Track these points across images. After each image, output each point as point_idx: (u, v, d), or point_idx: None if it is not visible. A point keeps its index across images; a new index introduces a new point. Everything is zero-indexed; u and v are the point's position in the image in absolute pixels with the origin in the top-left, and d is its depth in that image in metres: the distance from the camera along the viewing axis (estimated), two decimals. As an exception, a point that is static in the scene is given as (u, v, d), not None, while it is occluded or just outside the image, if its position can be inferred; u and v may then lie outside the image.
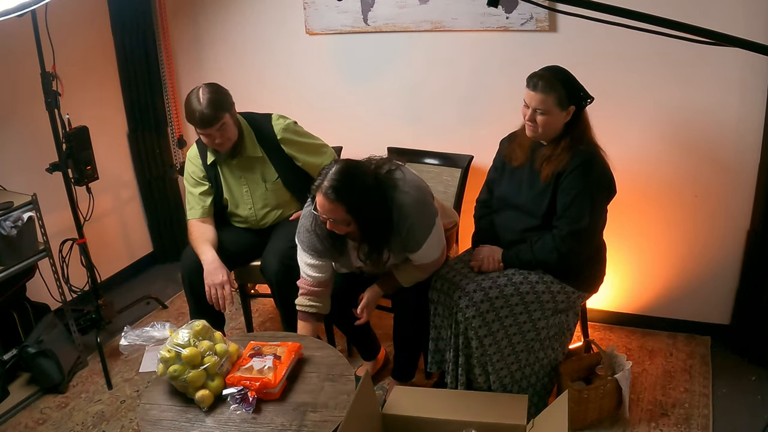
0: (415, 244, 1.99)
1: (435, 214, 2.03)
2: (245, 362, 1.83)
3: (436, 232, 2.03)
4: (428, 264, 2.10)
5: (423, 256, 2.05)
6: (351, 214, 1.86)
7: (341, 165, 1.88)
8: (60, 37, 2.48)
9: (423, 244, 2.00)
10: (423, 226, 1.99)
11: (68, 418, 2.39)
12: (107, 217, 3.31)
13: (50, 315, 2.65)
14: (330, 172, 1.85)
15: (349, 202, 1.84)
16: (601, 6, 0.97)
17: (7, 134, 2.71)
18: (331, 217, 1.87)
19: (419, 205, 1.98)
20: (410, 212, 1.95)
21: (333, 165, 1.88)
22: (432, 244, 2.03)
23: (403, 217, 1.94)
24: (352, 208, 1.85)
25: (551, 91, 1.92)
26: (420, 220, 1.97)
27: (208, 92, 2.22)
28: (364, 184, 1.88)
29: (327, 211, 1.86)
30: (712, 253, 2.56)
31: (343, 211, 1.85)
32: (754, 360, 2.47)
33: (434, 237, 2.02)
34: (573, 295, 2.10)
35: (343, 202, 1.83)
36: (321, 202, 1.85)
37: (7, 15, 1.80)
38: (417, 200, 1.97)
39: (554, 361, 2.17)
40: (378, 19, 2.76)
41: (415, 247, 2.00)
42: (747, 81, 2.29)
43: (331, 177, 1.84)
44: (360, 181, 1.87)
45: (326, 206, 1.85)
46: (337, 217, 1.86)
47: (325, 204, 1.85)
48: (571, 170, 1.97)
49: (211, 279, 2.24)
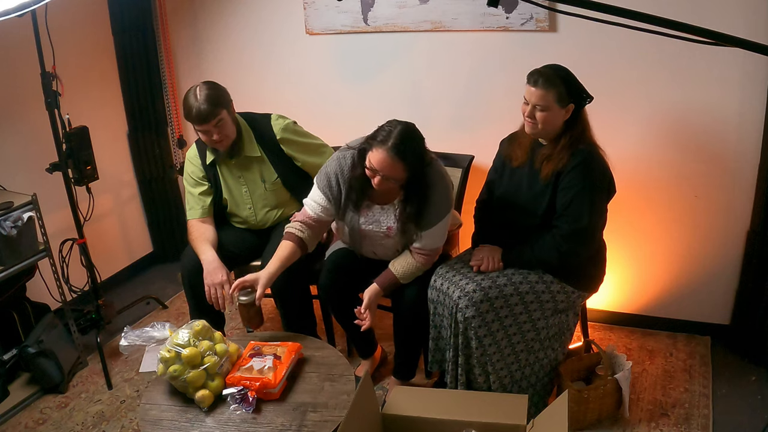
0: (430, 221, 2.07)
1: (452, 202, 2.13)
2: (245, 362, 1.83)
3: (447, 220, 2.12)
4: (427, 251, 2.12)
5: (428, 240, 2.10)
6: (408, 173, 1.96)
7: (405, 126, 1.97)
8: (60, 37, 2.49)
9: (435, 224, 2.07)
10: (441, 207, 2.08)
11: (68, 418, 2.39)
12: (107, 217, 3.32)
13: (50, 315, 2.65)
14: (394, 131, 1.93)
15: (410, 162, 1.94)
16: (601, 6, 0.97)
17: (7, 134, 2.71)
18: (388, 173, 1.94)
19: (445, 186, 2.08)
20: (436, 190, 2.05)
21: (397, 125, 1.97)
22: (440, 229, 2.10)
23: (431, 191, 2.04)
24: (411, 168, 1.95)
25: (551, 87, 1.92)
26: (442, 199, 2.07)
27: (206, 89, 2.22)
28: (421, 149, 2.00)
29: (386, 166, 1.93)
30: (712, 253, 2.56)
31: (402, 169, 1.94)
32: (754, 360, 2.48)
33: (444, 223, 2.11)
34: (573, 294, 2.10)
35: (405, 161, 1.93)
36: (382, 157, 1.92)
37: (7, 15, 1.80)
38: (444, 183, 2.08)
39: (554, 361, 2.17)
40: (378, 19, 2.76)
41: (427, 225, 2.07)
42: (747, 81, 2.29)
43: (396, 136, 1.92)
44: (420, 146, 1.99)
45: (387, 162, 1.92)
46: (395, 175, 1.95)
47: (387, 160, 1.92)
48: (571, 169, 1.97)
49: (210, 279, 2.24)
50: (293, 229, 2.17)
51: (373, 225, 2.16)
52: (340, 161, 2.12)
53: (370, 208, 2.15)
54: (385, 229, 2.15)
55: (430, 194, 2.05)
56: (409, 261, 2.14)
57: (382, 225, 2.14)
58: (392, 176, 1.95)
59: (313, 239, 2.20)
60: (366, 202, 2.14)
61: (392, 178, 1.96)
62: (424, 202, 2.05)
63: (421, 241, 2.10)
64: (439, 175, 2.07)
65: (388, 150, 1.91)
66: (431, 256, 2.15)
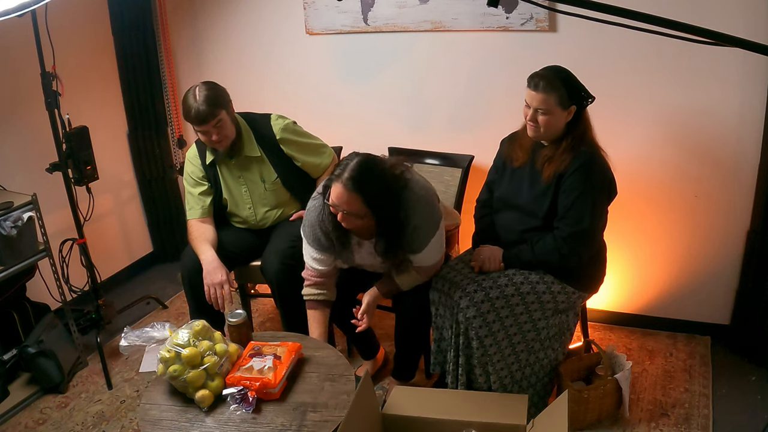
0: (419, 245, 2.00)
1: (440, 218, 2.05)
2: (245, 362, 1.82)
3: (439, 235, 2.05)
4: (427, 267, 2.10)
5: (424, 259, 2.05)
6: (368, 207, 1.87)
7: (362, 158, 1.89)
8: (60, 37, 2.49)
9: (426, 246, 2.01)
10: (428, 228, 2.00)
11: (68, 418, 2.39)
12: (107, 217, 3.31)
13: (50, 315, 2.65)
14: (350, 164, 1.86)
15: (367, 194, 1.85)
16: (601, 6, 0.97)
17: (7, 134, 2.71)
18: (347, 208, 1.87)
19: (426, 206, 1.99)
20: (417, 213, 1.96)
21: (353, 157, 1.90)
22: (433, 247, 2.04)
23: (410, 217, 1.95)
24: (369, 200, 1.86)
25: (552, 90, 1.92)
26: (425, 221, 1.99)
27: (205, 89, 2.22)
28: (383, 178, 1.90)
29: (344, 201, 1.86)
30: (712, 253, 2.56)
31: (360, 203, 1.86)
32: (754, 360, 2.48)
33: (436, 240, 2.04)
34: (573, 295, 2.10)
35: (361, 193, 1.84)
36: (339, 192, 1.86)
37: (7, 15, 1.80)
38: (424, 202, 1.99)
39: (554, 361, 2.17)
40: (378, 19, 2.76)
41: (418, 249, 2.01)
42: (747, 81, 2.29)
43: (351, 168, 1.85)
44: (378, 176, 1.89)
45: (344, 196, 1.85)
46: (353, 209, 1.87)
47: (344, 194, 1.85)
48: (573, 171, 1.97)
49: (210, 279, 2.25)
50: (310, 297, 2.15)
51: (368, 257, 2.11)
52: (317, 210, 2.04)
53: (362, 245, 2.08)
54: (379, 260, 2.09)
55: (410, 220, 1.95)
56: (410, 273, 2.12)
57: (377, 257, 2.08)
58: (352, 211, 1.87)
59: (332, 289, 2.18)
60: (355, 239, 2.08)
61: (353, 213, 1.87)
62: (402, 231, 1.96)
63: (418, 261, 2.07)
64: (416, 198, 1.96)
65: (344, 184, 1.84)
66: (432, 269, 2.13)
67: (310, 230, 2.08)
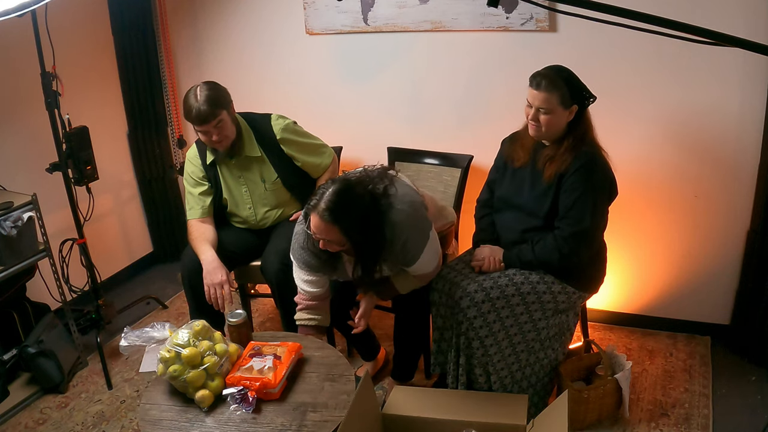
0: (411, 258, 1.99)
1: (429, 227, 2.02)
2: (245, 362, 1.82)
3: (431, 244, 2.02)
4: (425, 274, 2.09)
5: (419, 268, 2.04)
6: (346, 236, 1.84)
7: (338, 186, 1.84)
8: (60, 37, 2.49)
9: (418, 258, 1.99)
10: (417, 241, 1.98)
11: (68, 418, 2.39)
12: (107, 217, 3.31)
13: (50, 315, 2.65)
14: (326, 193, 1.82)
15: (345, 224, 1.82)
16: (601, 6, 0.97)
17: (7, 134, 2.71)
18: (326, 238, 1.85)
19: (413, 220, 1.95)
20: (404, 229, 1.92)
21: (330, 185, 1.85)
22: (427, 257, 2.02)
23: (398, 234, 1.92)
24: (347, 230, 1.83)
25: (554, 89, 1.92)
26: (414, 235, 1.96)
27: (206, 89, 2.22)
28: (361, 206, 1.84)
29: (321, 231, 1.84)
30: (712, 253, 2.56)
31: (338, 233, 1.83)
32: (754, 360, 2.48)
33: (429, 249, 2.02)
34: (573, 295, 2.10)
35: (338, 224, 1.81)
36: (316, 223, 1.83)
37: (7, 15, 1.80)
38: (411, 216, 1.95)
39: (554, 361, 2.17)
40: (378, 19, 2.76)
41: (411, 261, 2.00)
42: (747, 81, 2.29)
43: (327, 198, 1.81)
44: (356, 204, 1.84)
45: (321, 227, 1.83)
46: (332, 239, 1.85)
47: (320, 225, 1.82)
48: (574, 171, 1.97)
49: (210, 279, 2.25)
50: (302, 323, 2.13)
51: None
52: (304, 234, 2.00)
53: (351, 261, 2.05)
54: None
55: (398, 237, 1.91)
56: (409, 279, 2.11)
57: None
58: (331, 240, 1.85)
59: (326, 314, 2.16)
60: (346, 258, 2.06)
61: (332, 241, 1.85)
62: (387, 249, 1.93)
63: (413, 270, 2.05)
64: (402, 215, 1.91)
65: (320, 215, 1.80)
66: (429, 276, 2.11)
67: (299, 254, 2.05)
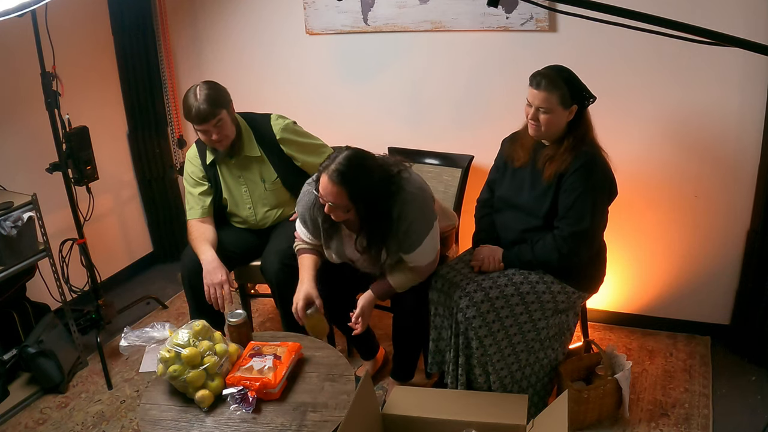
0: (411, 244, 2.00)
1: (434, 218, 2.04)
2: (245, 362, 1.83)
3: (433, 235, 2.04)
4: (421, 267, 2.08)
5: (417, 258, 2.04)
6: (352, 201, 1.87)
7: (351, 152, 1.89)
8: (60, 37, 2.49)
9: (419, 245, 2.00)
10: (421, 227, 1.99)
11: (68, 418, 2.39)
12: (107, 217, 3.32)
13: (50, 315, 2.65)
14: (339, 156, 1.86)
15: (353, 188, 1.84)
16: (601, 6, 0.97)
17: (7, 134, 2.71)
18: (332, 200, 1.87)
19: (420, 206, 1.98)
20: (411, 211, 1.95)
21: (344, 150, 1.89)
22: (427, 247, 2.03)
23: (404, 215, 1.94)
24: (354, 194, 1.85)
25: (554, 89, 1.92)
26: (420, 220, 1.98)
27: (206, 88, 2.23)
28: (370, 175, 1.89)
29: (329, 193, 1.86)
30: (712, 253, 2.56)
31: (345, 197, 1.85)
32: (754, 360, 2.48)
33: (430, 240, 2.03)
34: (573, 295, 2.10)
35: (346, 187, 1.84)
36: (324, 184, 1.86)
37: (7, 15, 1.80)
38: (419, 201, 1.98)
39: (554, 361, 2.17)
40: (378, 19, 2.76)
41: (411, 248, 2.00)
42: (747, 81, 2.29)
43: (339, 161, 1.85)
44: (366, 171, 1.88)
45: (329, 188, 1.85)
46: (338, 202, 1.87)
47: (328, 186, 1.85)
48: (574, 171, 1.97)
49: (210, 278, 2.25)
50: (299, 244, 2.18)
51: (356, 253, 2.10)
52: (310, 195, 2.06)
53: (352, 237, 2.07)
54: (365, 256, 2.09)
55: (403, 219, 1.94)
56: (405, 273, 2.11)
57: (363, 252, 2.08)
58: (336, 203, 1.87)
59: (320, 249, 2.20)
60: (346, 232, 2.09)
61: (337, 205, 1.87)
62: (390, 229, 1.96)
63: (411, 260, 2.06)
64: (411, 197, 1.95)
65: (329, 175, 1.84)
66: (426, 269, 2.11)
67: (301, 212, 2.12)
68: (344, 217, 1.94)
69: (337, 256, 2.16)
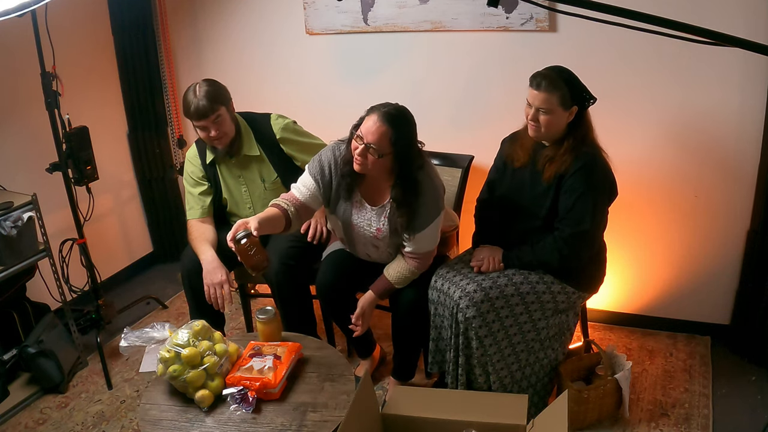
0: (419, 225, 2.04)
1: (442, 207, 2.10)
2: (245, 362, 1.83)
3: (437, 224, 2.09)
4: (419, 255, 2.11)
5: (418, 243, 2.08)
6: (392, 146, 1.93)
7: (402, 106, 1.99)
8: (60, 37, 2.48)
9: (424, 228, 2.05)
10: (431, 211, 2.05)
11: (68, 418, 2.39)
12: (107, 217, 3.31)
13: (50, 315, 2.65)
14: (390, 103, 1.97)
15: (397, 132, 1.93)
16: (601, 6, 0.97)
17: (7, 134, 2.71)
18: (373, 141, 1.91)
19: (435, 189, 2.06)
20: (426, 190, 2.03)
21: (394, 103, 1.98)
22: (430, 233, 2.08)
23: (420, 193, 2.01)
24: (396, 139, 1.93)
25: (554, 90, 1.91)
26: (431, 203, 2.05)
27: (206, 85, 2.23)
28: (413, 129, 2.00)
29: (373, 132, 1.91)
30: (712, 253, 2.56)
31: (387, 139, 1.92)
32: (754, 360, 2.48)
33: (434, 228, 2.08)
34: (573, 295, 2.10)
35: (392, 129, 1.92)
36: (370, 123, 1.92)
37: (7, 15, 1.80)
38: (434, 184, 2.06)
39: (554, 361, 2.17)
40: (378, 19, 2.76)
41: (418, 228, 2.05)
42: (747, 81, 2.29)
43: (392, 107, 1.95)
44: (411, 125, 2.00)
45: (374, 127, 1.91)
46: (380, 143, 1.92)
47: (375, 125, 1.91)
48: (574, 172, 1.97)
49: (209, 278, 2.24)
50: (280, 201, 2.10)
51: (364, 223, 2.14)
52: (335, 151, 2.12)
53: (362, 206, 2.13)
54: (374, 231, 2.13)
55: (420, 196, 2.02)
56: (402, 265, 2.13)
57: (372, 226, 2.13)
58: (376, 144, 1.91)
59: (297, 221, 2.11)
60: (358, 198, 2.12)
61: (376, 147, 1.92)
62: (413, 203, 2.02)
63: (412, 245, 2.09)
64: (429, 178, 2.05)
65: (380, 114, 1.92)
66: (424, 259, 2.13)
67: (317, 164, 2.12)
68: (373, 163, 1.96)
69: (341, 222, 2.17)
